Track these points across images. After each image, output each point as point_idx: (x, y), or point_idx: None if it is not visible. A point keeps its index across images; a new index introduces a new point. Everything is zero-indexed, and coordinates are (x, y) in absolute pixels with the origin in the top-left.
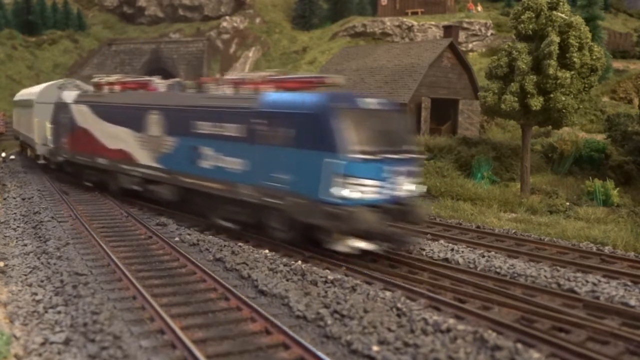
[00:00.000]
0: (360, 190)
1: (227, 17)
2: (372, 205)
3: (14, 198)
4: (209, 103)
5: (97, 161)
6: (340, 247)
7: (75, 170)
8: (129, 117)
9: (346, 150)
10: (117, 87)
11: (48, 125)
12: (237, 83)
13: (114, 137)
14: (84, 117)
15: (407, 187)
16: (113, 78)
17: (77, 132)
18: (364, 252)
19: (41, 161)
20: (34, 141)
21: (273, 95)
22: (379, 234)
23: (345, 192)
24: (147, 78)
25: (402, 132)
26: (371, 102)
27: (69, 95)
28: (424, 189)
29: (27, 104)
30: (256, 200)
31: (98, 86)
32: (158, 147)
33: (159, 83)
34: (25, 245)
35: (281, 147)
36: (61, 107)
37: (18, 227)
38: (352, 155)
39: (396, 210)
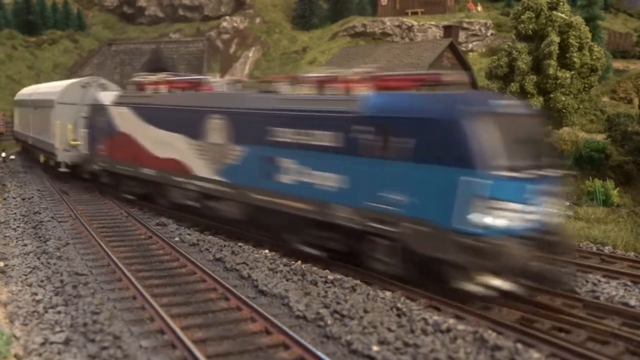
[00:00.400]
0: (506, 216)
1: (227, 17)
2: (519, 236)
3: (14, 198)
4: (291, 106)
5: (142, 171)
6: (473, 288)
7: (114, 180)
8: (183, 121)
9: (490, 166)
10: (162, 87)
11: (70, 128)
12: (323, 82)
13: (164, 144)
14: (126, 121)
15: (553, 210)
16: (157, 77)
17: (117, 138)
18: (501, 294)
19: (63, 169)
20: (54, 146)
21: (382, 97)
22: (528, 270)
23: (489, 220)
24: (199, 76)
25: (543, 142)
26: (510, 105)
27: (107, 96)
28: (569, 212)
29: (40, 104)
30: (356, 225)
31: (140, 86)
32: (221, 158)
33: (215, 82)
34: (25, 245)
35: (395, 161)
36: (98, 110)
37: (18, 227)
38: (498, 172)
39: (543, 240)
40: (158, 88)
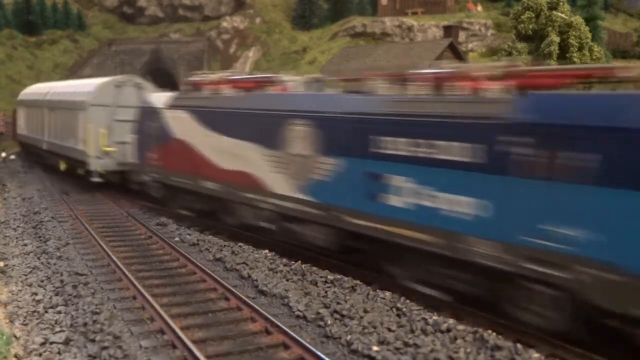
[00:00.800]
0: None
1: (227, 17)
2: None
3: (14, 198)
4: (405, 110)
5: (203, 185)
6: None
7: (167, 194)
8: (256, 128)
9: None
10: (225, 88)
11: (103, 133)
12: (444, 79)
13: (231, 154)
14: (183, 126)
15: None
16: (218, 75)
17: (172, 146)
18: None
19: (96, 179)
20: (85, 154)
21: (548, 98)
22: None
23: None
24: (268, 74)
25: None
26: None
27: (159, 98)
28: None
29: (62, 106)
30: (504, 266)
31: (197, 86)
32: (306, 172)
33: (291, 81)
34: (25, 245)
35: (567, 184)
36: (148, 113)
37: (18, 227)
38: None
39: None
40: (219, 88)
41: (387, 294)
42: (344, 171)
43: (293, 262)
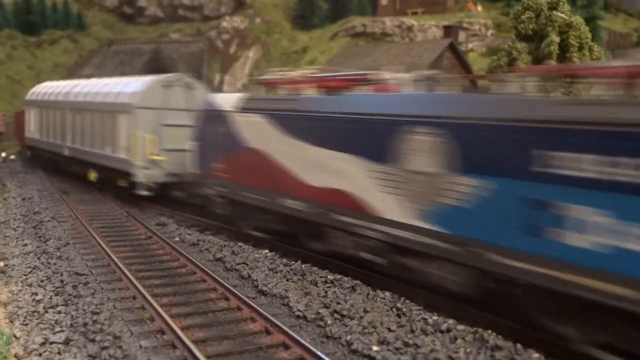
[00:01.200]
0: None
1: (227, 17)
2: None
3: (14, 198)
4: (594, 115)
5: (284, 203)
6: None
7: (237, 211)
8: (357, 136)
9: None
10: (306, 87)
11: (151, 139)
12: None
13: (322, 167)
14: (258, 132)
15: None
16: (298, 73)
17: (244, 156)
18: None
19: (143, 192)
20: (129, 163)
21: None
22: None
23: None
24: (363, 72)
25: None
26: None
27: (227, 100)
28: None
29: (94, 108)
30: None
31: (270, 86)
32: (432, 194)
33: (396, 79)
34: (26, 245)
35: None
36: (212, 117)
37: (18, 227)
38: None
39: None
40: (299, 88)
41: (387, 294)
42: (491, 196)
43: (293, 262)
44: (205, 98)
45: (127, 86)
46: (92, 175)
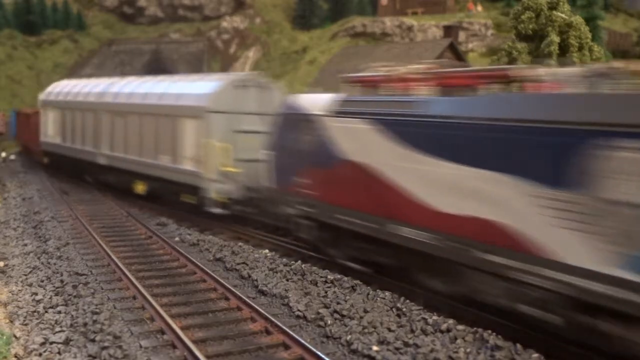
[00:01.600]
0: None
1: (227, 17)
2: None
3: (14, 198)
4: None
5: (395, 231)
6: None
7: (327, 236)
8: (515, 150)
9: None
10: (422, 86)
11: (224, 148)
12: None
13: (456, 189)
14: (360, 141)
15: None
16: (407, 69)
17: (340, 170)
18: None
19: (216, 210)
20: (198, 176)
21: None
22: None
23: None
24: (502, 66)
25: None
26: None
27: (314, 102)
28: None
29: (154, 111)
30: None
31: (369, 84)
32: None
33: (554, 76)
34: (26, 245)
35: None
36: (295, 122)
37: (18, 227)
38: None
39: None
40: (409, 87)
41: (387, 294)
42: None
43: (293, 262)
44: (284, 100)
45: (193, 87)
46: (140, 188)
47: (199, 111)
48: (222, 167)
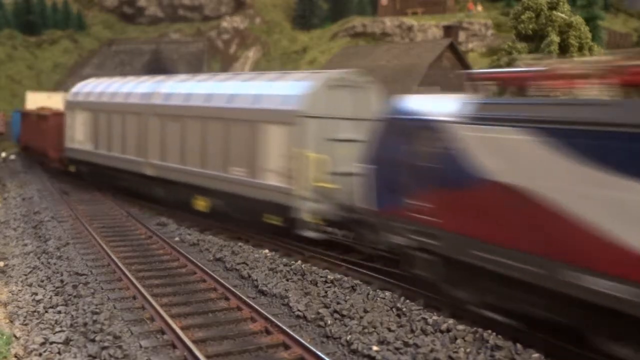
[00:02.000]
0: None
1: (227, 17)
2: None
3: (14, 198)
4: None
5: (572, 279)
6: None
7: (457, 276)
8: None
9: None
10: (589, 85)
11: (321, 159)
12: None
13: None
14: (514, 158)
15: None
16: (574, 62)
17: (477, 192)
18: None
19: (311, 234)
20: (286, 192)
21: None
22: None
23: None
24: None
25: None
26: None
27: (435, 105)
28: None
29: (227, 116)
30: None
31: (511, 82)
32: None
33: None
34: (26, 245)
35: None
36: (405, 130)
37: (18, 227)
38: None
39: None
40: (572, 85)
41: (387, 294)
42: None
43: (293, 262)
44: (388, 102)
45: (276, 87)
46: (201, 204)
47: (288, 116)
48: (316, 183)
